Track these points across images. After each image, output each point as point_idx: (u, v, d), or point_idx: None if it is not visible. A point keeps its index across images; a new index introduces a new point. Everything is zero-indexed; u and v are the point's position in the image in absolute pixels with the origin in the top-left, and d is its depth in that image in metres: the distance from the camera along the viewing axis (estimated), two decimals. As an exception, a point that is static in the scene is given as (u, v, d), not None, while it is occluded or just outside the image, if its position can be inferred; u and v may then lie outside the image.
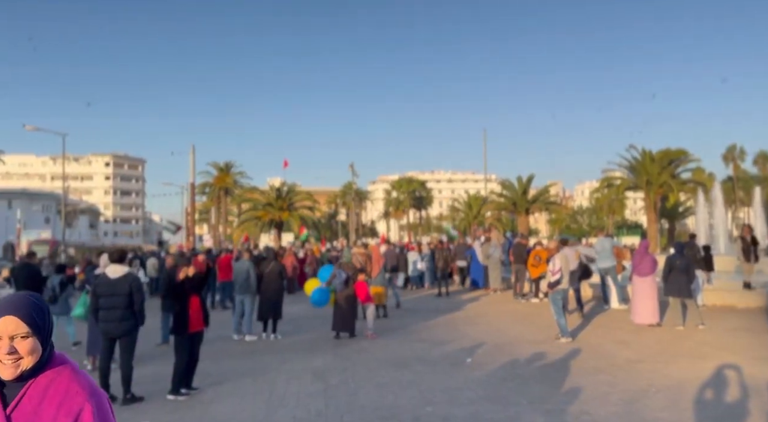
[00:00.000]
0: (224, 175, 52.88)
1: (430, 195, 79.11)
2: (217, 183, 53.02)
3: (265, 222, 42.34)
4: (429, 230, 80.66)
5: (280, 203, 42.13)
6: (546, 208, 45.74)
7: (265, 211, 42.25)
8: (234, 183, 53.56)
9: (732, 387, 6.39)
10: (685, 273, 10.54)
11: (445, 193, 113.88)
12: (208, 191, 55.69)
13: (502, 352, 8.63)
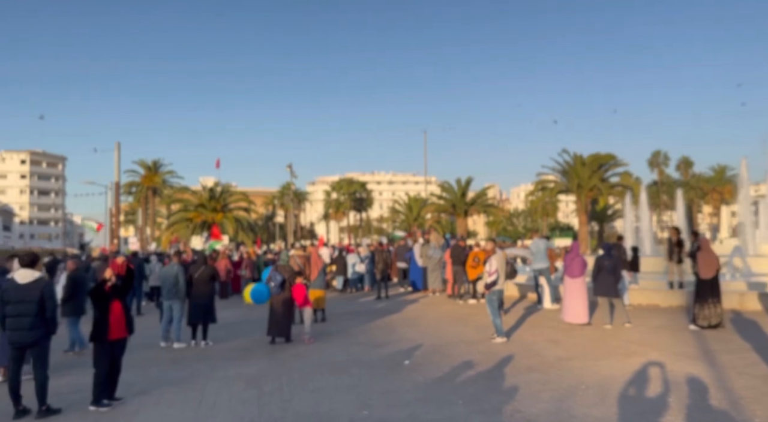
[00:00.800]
0: (152, 174, 50.53)
1: (370, 196, 79.14)
2: (145, 182, 50.63)
3: (197, 224, 40.95)
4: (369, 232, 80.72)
5: (213, 204, 40.87)
6: (484, 210, 46.82)
7: (197, 213, 40.84)
8: (163, 182, 51.31)
9: (655, 383, 6.66)
10: (612, 274, 10.97)
11: (385, 195, 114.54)
12: (135, 191, 53.11)
13: (440, 353, 8.67)
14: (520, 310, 13.25)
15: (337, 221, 79.86)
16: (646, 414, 5.53)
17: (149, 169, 51.03)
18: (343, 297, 17.54)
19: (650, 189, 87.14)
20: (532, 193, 47.85)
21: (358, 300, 16.79)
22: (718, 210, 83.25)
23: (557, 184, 41.48)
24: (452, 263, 16.16)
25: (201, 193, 42.83)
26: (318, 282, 11.76)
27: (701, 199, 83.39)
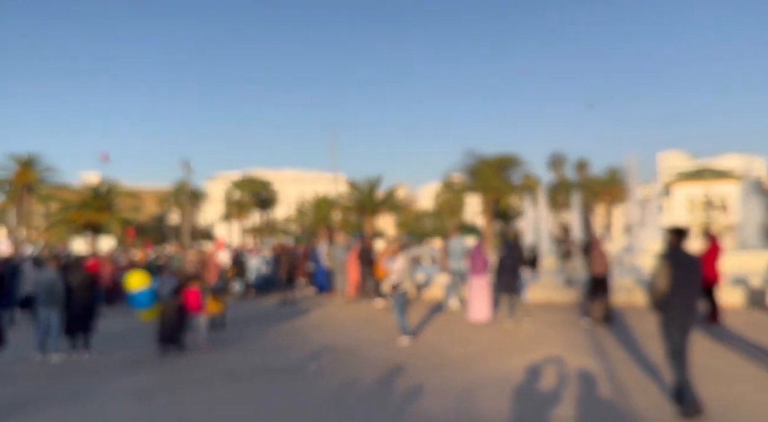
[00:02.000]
0: (27, 169, 45.43)
1: (275, 195, 77.03)
2: (19, 179, 45.51)
3: (78, 225, 37.69)
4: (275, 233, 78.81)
5: (97, 203, 37.61)
6: (393, 210, 47.36)
7: (78, 213, 37.46)
8: (39, 179, 46.29)
9: (551, 376, 6.90)
10: (512, 271, 11.34)
11: (292, 193, 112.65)
12: (8, 189, 47.62)
13: (347, 356, 8.49)
14: (426, 310, 13.39)
15: (240, 221, 76.99)
16: (541, 407, 5.68)
17: (24, 164, 45.69)
18: (245, 302, 16.88)
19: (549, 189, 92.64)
20: (439, 192, 49.00)
21: (260, 304, 16.22)
22: (610, 210, 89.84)
23: (463, 184, 42.83)
24: (360, 264, 16.05)
25: (83, 192, 39.22)
26: (216, 287, 11.14)
27: (595, 199, 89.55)
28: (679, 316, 5.50)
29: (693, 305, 5.58)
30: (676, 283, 5.46)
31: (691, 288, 5.56)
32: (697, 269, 5.67)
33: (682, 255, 5.64)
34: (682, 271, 5.51)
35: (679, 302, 5.48)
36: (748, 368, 6.99)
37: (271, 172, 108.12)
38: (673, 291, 5.46)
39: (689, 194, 75.93)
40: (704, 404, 5.37)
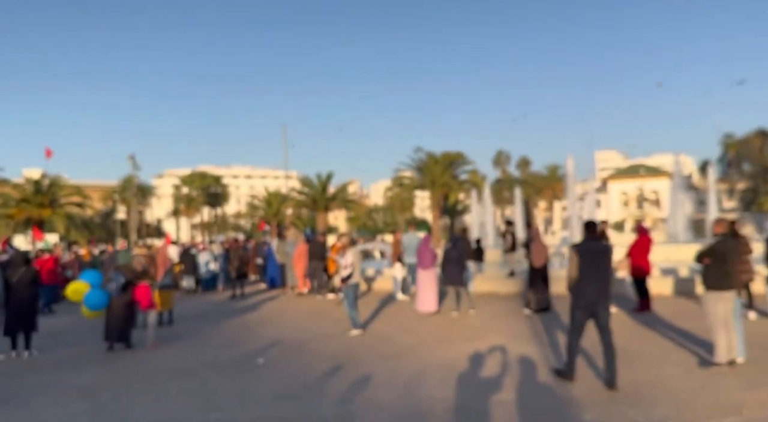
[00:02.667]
0: (-36, 164, 43.33)
1: (226, 191, 75.72)
2: (-43, 173, 43.34)
3: (20, 222, 36.09)
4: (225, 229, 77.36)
5: (39, 199, 36.12)
6: (345, 205, 47.44)
7: (19, 208, 35.90)
8: (-23, 174, 44.14)
9: (494, 364, 7.23)
10: (458, 264, 11.72)
11: (243, 190, 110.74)
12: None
13: (297, 350, 8.59)
14: (377, 302, 13.62)
15: (189, 217, 75.18)
16: (483, 393, 5.97)
17: (-38, 158, 43.58)
18: (195, 298, 16.64)
19: (494, 186, 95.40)
20: (390, 188, 49.45)
21: (210, 300, 16.03)
22: (551, 205, 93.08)
23: (413, 181, 43.45)
24: (310, 258, 16.12)
25: (24, 187, 37.59)
26: (164, 283, 10.99)
27: (537, 195, 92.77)
28: (586, 299, 6.12)
29: (601, 289, 6.13)
30: (585, 270, 6.11)
31: (599, 274, 6.15)
32: (606, 258, 6.27)
33: (592, 245, 6.30)
34: (591, 260, 6.16)
35: (587, 287, 6.11)
36: (677, 352, 7.53)
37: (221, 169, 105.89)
38: (582, 277, 6.12)
39: (624, 190, 79.98)
40: (576, 375, 6.25)
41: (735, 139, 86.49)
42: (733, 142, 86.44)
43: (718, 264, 6.61)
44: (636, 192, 76.36)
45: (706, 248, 6.82)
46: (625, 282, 12.04)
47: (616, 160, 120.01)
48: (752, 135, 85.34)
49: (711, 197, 27.12)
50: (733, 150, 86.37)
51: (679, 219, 25.25)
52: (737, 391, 5.64)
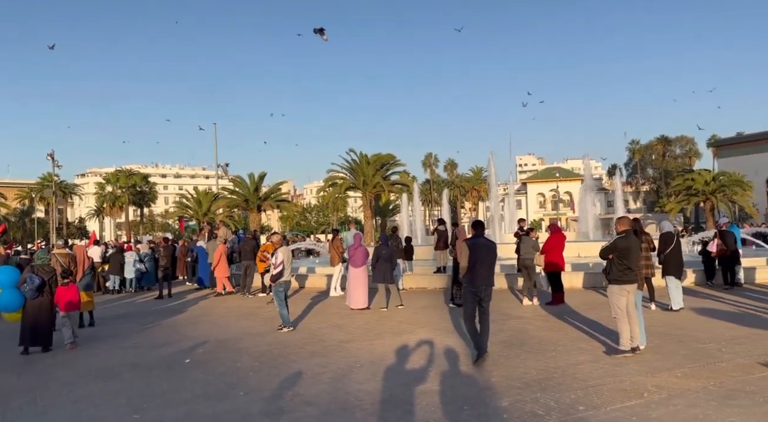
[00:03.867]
0: None
1: (153, 190, 72.76)
2: None
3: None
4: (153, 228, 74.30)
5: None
6: (277, 205, 46.80)
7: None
8: None
9: (420, 356, 7.51)
10: (389, 262, 12.01)
11: (172, 189, 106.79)
12: None
13: (225, 348, 8.52)
14: (309, 300, 13.67)
15: (113, 217, 71.62)
16: (409, 384, 6.21)
17: None
18: (120, 299, 16.02)
19: (424, 187, 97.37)
20: (323, 188, 49.26)
21: (136, 300, 15.49)
22: (476, 205, 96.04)
23: (345, 181, 43.53)
24: (242, 258, 15.95)
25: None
26: (84, 283, 10.55)
27: (463, 196, 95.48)
28: (475, 286, 7.13)
29: (487, 278, 7.24)
30: (474, 262, 7.09)
31: (486, 265, 7.19)
32: (491, 252, 7.32)
33: (481, 241, 7.33)
34: (480, 253, 7.14)
35: (476, 276, 7.13)
36: (586, 341, 8.11)
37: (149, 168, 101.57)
38: (472, 268, 7.10)
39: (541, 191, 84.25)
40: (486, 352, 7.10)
41: (640, 145, 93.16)
42: (638, 148, 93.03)
43: (621, 260, 7.20)
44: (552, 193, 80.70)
45: (610, 244, 7.41)
46: (540, 277, 12.73)
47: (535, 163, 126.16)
48: (655, 141, 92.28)
49: (618, 198, 29.20)
50: (638, 155, 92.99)
51: (590, 218, 26.87)
52: (639, 376, 6.17)
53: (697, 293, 12.63)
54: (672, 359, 6.83)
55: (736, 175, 47.50)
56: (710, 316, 9.69)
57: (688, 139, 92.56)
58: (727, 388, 5.55)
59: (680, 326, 8.96)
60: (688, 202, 48.59)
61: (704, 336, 8.06)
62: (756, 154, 59.47)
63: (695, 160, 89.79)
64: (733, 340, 7.71)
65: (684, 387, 5.67)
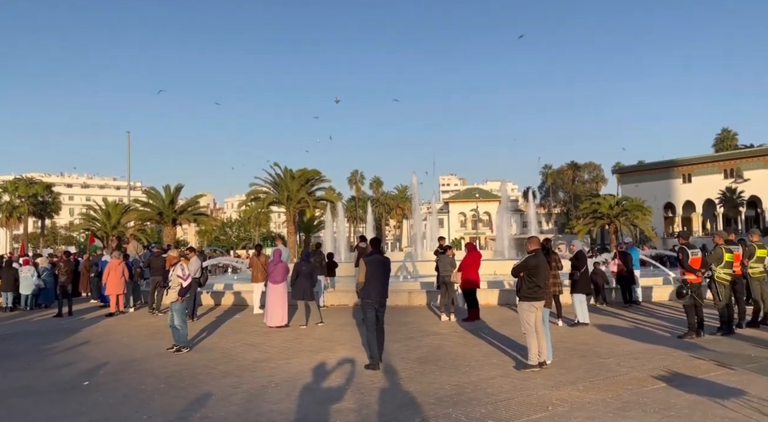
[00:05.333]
0: None
1: (57, 200, 67.82)
2: None
3: None
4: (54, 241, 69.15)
5: None
6: (194, 219, 44.98)
7: None
8: None
9: (337, 374, 7.43)
10: (309, 278, 11.86)
11: (78, 200, 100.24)
12: None
13: (129, 369, 8.02)
14: (226, 317, 13.21)
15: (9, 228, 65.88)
16: (324, 403, 6.12)
17: None
18: (13, 317, 14.71)
19: (349, 204, 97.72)
20: (245, 202, 47.93)
21: (32, 319, 14.28)
22: (401, 223, 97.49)
23: (269, 196, 42.71)
24: (152, 274, 15.17)
25: None
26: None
27: (388, 213, 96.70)
28: (372, 298, 7.71)
29: (383, 291, 7.86)
30: (371, 277, 7.69)
31: (382, 280, 7.82)
32: (386, 267, 7.96)
33: (377, 257, 7.94)
34: (375, 268, 7.76)
35: (373, 289, 7.72)
36: (498, 356, 8.37)
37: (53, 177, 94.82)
38: (369, 282, 7.69)
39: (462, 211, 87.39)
40: (379, 363, 7.62)
41: (552, 170, 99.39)
42: (550, 173, 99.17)
43: (531, 278, 7.54)
44: (472, 213, 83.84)
45: (521, 263, 7.74)
46: (457, 294, 13.06)
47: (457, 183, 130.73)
48: (565, 167, 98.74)
49: (531, 219, 30.87)
50: (550, 179, 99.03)
51: (506, 238, 28.16)
52: (545, 390, 6.43)
53: (600, 310, 13.42)
54: (575, 373, 7.19)
55: (637, 201, 51.24)
56: (611, 332, 10.31)
57: (596, 165, 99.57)
58: (623, 400, 5.90)
59: (584, 341, 9.46)
60: (594, 225, 51.76)
61: (605, 351, 8.55)
62: (655, 181, 64.70)
63: (601, 185, 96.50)
64: (630, 355, 8.24)
65: (585, 399, 5.98)
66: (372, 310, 7.75)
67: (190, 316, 12.57)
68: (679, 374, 6.95)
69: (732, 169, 60.02)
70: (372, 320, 7.77)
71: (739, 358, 7.81)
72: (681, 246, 9.83)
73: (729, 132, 77.63)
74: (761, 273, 10.96)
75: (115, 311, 14.62)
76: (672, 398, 5.90)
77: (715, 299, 10.06)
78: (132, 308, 15.60)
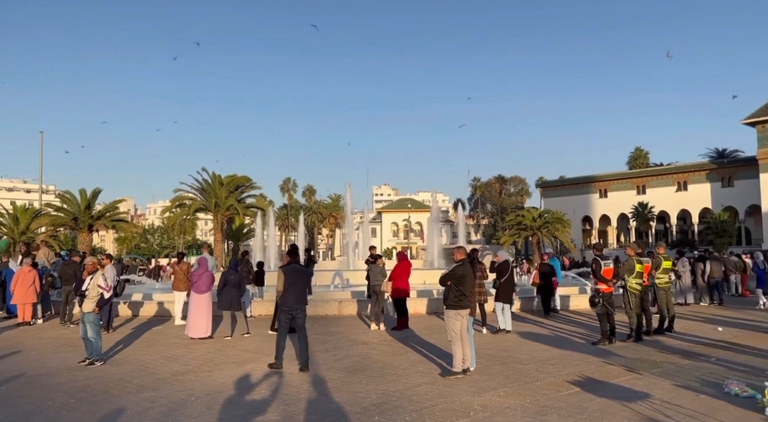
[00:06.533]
0: None
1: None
2: None
3: None
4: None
5: None
6: (113, 225, 42.67)
7: None
8: None
9: (262, 386, 7.26)
10: (236, 287, 11.56)
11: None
12: None
13: (35, 385, 7.46)
14: (146, 329, 12.60)
15: None
16: (247, 416, 5.96)
17: None
18: None
19: (281, 211, 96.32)
20: (169, 209, 46.02)
21: None
22: (333, 231, 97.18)
23: (195, 202, 41.32)
24: (64, 283, 14.24)
25: None
26: None
27: (321, 222, 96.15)
28: (288, 306, 8.13)
29: (299, 298, 8.22)
30: (288, 285, 8.13)
31: (298, 287, 8.25)
32: (303, 276, 8.46)
33: (294, 266, 8.42)
34: (293, 277, 8.22)
35: (290, 297, 8.15)
36: (424, 364, 8.50)
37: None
38: (286, 289, 8.16)
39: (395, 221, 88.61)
40: (282, 366, 8.11)
41: (481, 183, 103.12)
42: (479, 185, 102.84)
43: (457, 286, 7.73)
44: (404, 223, 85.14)
45: (448, 272, 7.93)
46: (388, 303, 13.17)
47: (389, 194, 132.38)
48: (493, 180, 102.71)
49: (461, 230, 31.77)
50: (479, 191, 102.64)
51: (435, 247, 28.79)
52: (467, 396, 6.59)
53: (522, 318, 13.94)
54: (497, 379, 7.43)
55: (558, 214, 53.85)
56: (531, 339, 10.74)
57: (521, 179, 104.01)
58: (540, 405, 6.16)
59: (506, 348, 9.80)
60: (519, 236, 53.86)
61: (525, 358, 8.89)
62: (574, 196, 68.27)
63: (526, 199, 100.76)
64: (548, 361, 8.62)
65: (505, 405, 6.18)
66: (287, 316, 8.16)
67: (106, 328, 11.93)
68: (592, 379, 7.34)
69: (643, 186, 64.38)
70: (285, 325, 8.22)
71: (645, 363, 8.36)
72: (595, 257, 10.42)
73: (641, 151, 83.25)
74: (666, 284, 11.81)
75: (23, 321, 13.60)
76: (585, 402, 6.22)
77: (626, 307, 10.71)
78: (41, 319, 14.56)
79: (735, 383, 6.54)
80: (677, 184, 61.68)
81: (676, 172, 62.36)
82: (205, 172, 41.30)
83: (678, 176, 61.75)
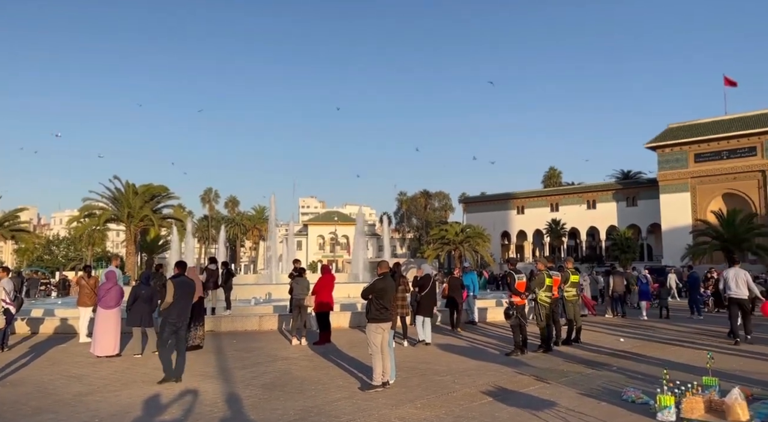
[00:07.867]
0: None
1: None
2: None
3: None
4: None
5: None
6: (12, 235, 39.52)
7: None
8: None
9: (174, 406, 6.91)
10: (148, 303, 11.00)
11: None
12: None
13: None
14: (45, 347, 11.71)
15: None
16: (157, 436, 5.70)
17: None
18: None
19: (201, 223, 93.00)
20: (77, 219, 43.11)
21: None
22: (257, 244, 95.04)
23: (106, 212, 39.06)
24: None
25: None
26: None
27: (244, 234, 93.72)
28: (172, 318, 8.24)
29: (183, 312, 8.44)
30: (176, 298, 8.29)
31: (183, 301, 8.44)
32: (191, 289, 8.78)
33: (182, 279, 8.62)
34: (181, 290, 8.40)
35: (174, 310, 8.28)
36: (345, 378, 8.47)
37: None
38: (173, 302, 8.28)
39: (321, 233, 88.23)
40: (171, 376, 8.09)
41: (407, 197, 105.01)
42: (405, 199, 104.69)
43: (379, 300, 7.81)
44: (331, 236, 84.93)
45: (370, 286, 8.01)
46: (311, 317, 13.05)
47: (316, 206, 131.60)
48: (419, 195, 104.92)
49: (386, 243, 32.15)
50: (405, 205, 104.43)
51: (361, 261, 28.90)
52: (386, 409, 6.64)
53: (442, 330, 14.26)
54: (415, 391, 7.55)
55: (479, 229, 55.76)
56: (449, 351, 11.01)
57: (445, 194, 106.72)
58: (455, 415, 6.32)
59: (425, 360, 9.98)
60: (442, 250, 55.23)
61: (443, 369, 9.10)
62: (494, 211, 71.00)
63: (450, 213, 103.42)
64: (464, 372, 8.87)
65: (421, 416, 6.29)
66: (170, 330, 8.25)
67: (0, 346, 10.99)
68: (504, 389, 7.64)
69: (557, 203, 68.07)
70: (166, 339, 8.27)
71: (554, 373, 8.80)
72: (509, 271, 10.89)
73: (555, 170, 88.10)
74: (574, 297, 12.53)
75: None
76: (497, 411, 6.45)
77: (537, 319, 11.24)
78: None
79: (632, 390, 7.03)
80: (587, 202, 65.75)
81: (585, 191, 66.50)
82: (118, 181, 39.30)
83: (588, 195, 65.85)
